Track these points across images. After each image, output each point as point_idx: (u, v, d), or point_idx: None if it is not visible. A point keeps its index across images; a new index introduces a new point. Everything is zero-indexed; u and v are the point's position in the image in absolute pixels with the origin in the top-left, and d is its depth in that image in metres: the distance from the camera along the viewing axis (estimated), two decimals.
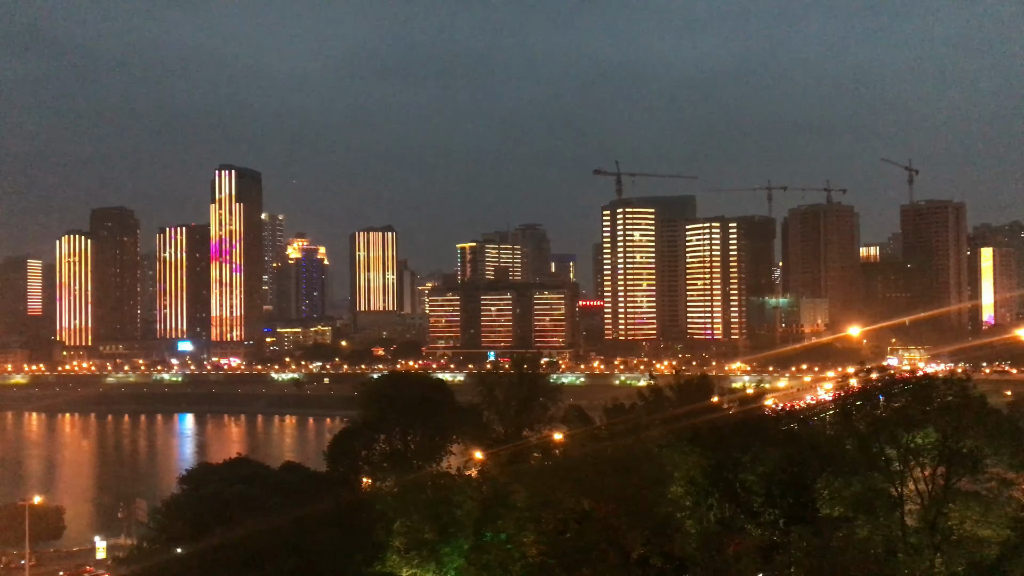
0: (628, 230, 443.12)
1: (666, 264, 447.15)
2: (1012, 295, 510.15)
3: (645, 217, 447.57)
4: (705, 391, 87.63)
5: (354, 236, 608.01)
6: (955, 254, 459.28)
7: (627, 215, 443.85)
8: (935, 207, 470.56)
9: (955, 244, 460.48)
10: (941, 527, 52.49)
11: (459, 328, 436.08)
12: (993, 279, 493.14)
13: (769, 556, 43.55)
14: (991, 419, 58.56)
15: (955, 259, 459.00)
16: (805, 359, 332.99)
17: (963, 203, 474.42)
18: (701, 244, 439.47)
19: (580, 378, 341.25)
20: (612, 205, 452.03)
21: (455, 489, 59.50)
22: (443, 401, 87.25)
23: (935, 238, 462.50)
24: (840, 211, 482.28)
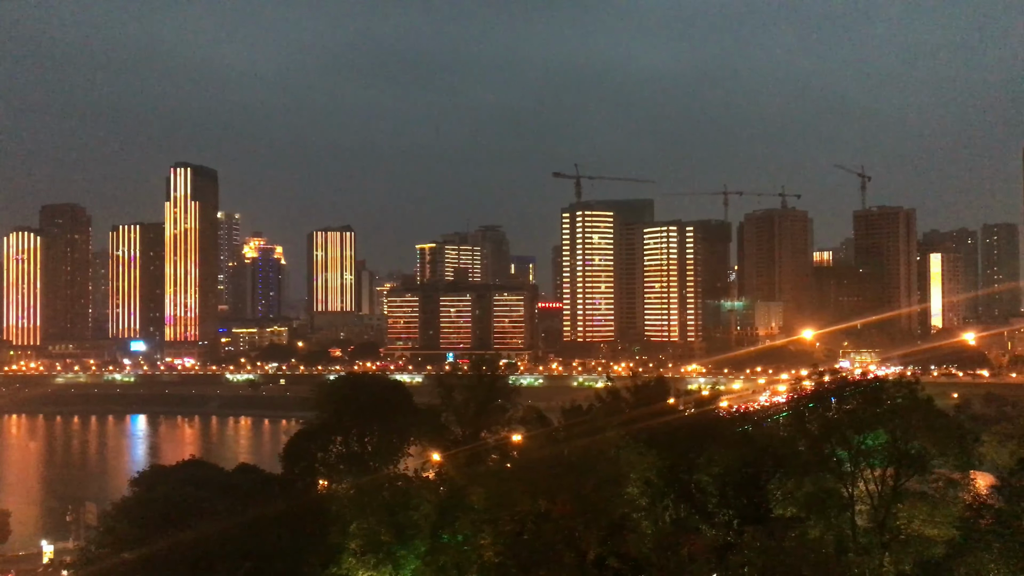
0: (587, 233, 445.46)
1: (624, 267, 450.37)
2: (959, 299, 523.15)
3: (604, 220, 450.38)
4: (662, 393, 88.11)
5: (312, 236, 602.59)
6: (905, 259, 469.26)
7: (586, 218, 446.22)
8: (886, 213, 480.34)
9: (905, 250, 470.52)
10: (890, 527, 53.63)
11: (418, 329, 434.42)
12: (941, 284, 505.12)
13: (723, 556, 44.06)
14: (938, 421, 59.98)
15: (905, 264, 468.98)
16: (759, 361, 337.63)
17: (913, 209, 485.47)
18: (658, 247, 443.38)
19: (539, 380, 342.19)
20: (571, 208, 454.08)
21: (412, 491, 59.26)
22: (401, 403, 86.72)
23: (886, 244, 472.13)
24: (794, 216, 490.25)
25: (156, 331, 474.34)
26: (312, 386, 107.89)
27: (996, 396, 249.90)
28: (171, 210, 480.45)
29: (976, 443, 63.39)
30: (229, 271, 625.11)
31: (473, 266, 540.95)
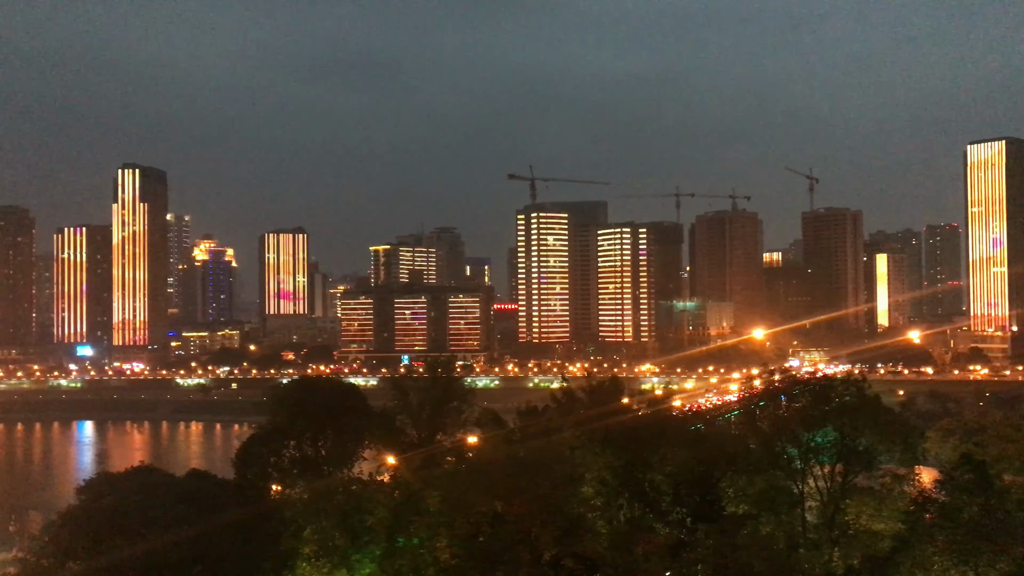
0: (542, 234, 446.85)
1: (578, 268, 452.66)
2: (904, 298, 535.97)
3: (558, 222, 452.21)
4: (616, 393, 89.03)
5: (263, 238, 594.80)
6: (852, 260, 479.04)
7: (541, 220, 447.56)
8: (834, 215, 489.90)
9: (852, 250, 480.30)
10: (839, 522, 54.78)
11: (372, 332, 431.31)
12: (887, 283, 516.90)
13: (677, 554, 44.53)
14: (885, 418, 61.50)
15: (852, 264, 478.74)
16: (711, 361, 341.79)
17: (860, 211, 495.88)
18: (612, 249, 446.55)
19: (494, 381, 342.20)
20: (526, 210, 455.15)
21: (367, 495, 58.89)
22: (355, 406, 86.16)
23: (834, 244, 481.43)
24: (745, 218, 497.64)
25: (104, 336, 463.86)
26: (265, 390, 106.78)
27: (940, 393, 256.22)
28: (119, 212, 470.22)
29: (921, 439, 65.11)
30: (179, 274, 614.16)
31: (428, 268, 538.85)
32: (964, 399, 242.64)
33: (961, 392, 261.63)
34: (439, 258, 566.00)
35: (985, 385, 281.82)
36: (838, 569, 50.22)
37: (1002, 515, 46.65)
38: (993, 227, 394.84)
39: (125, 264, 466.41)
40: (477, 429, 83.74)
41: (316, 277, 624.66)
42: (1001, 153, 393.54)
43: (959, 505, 47.91)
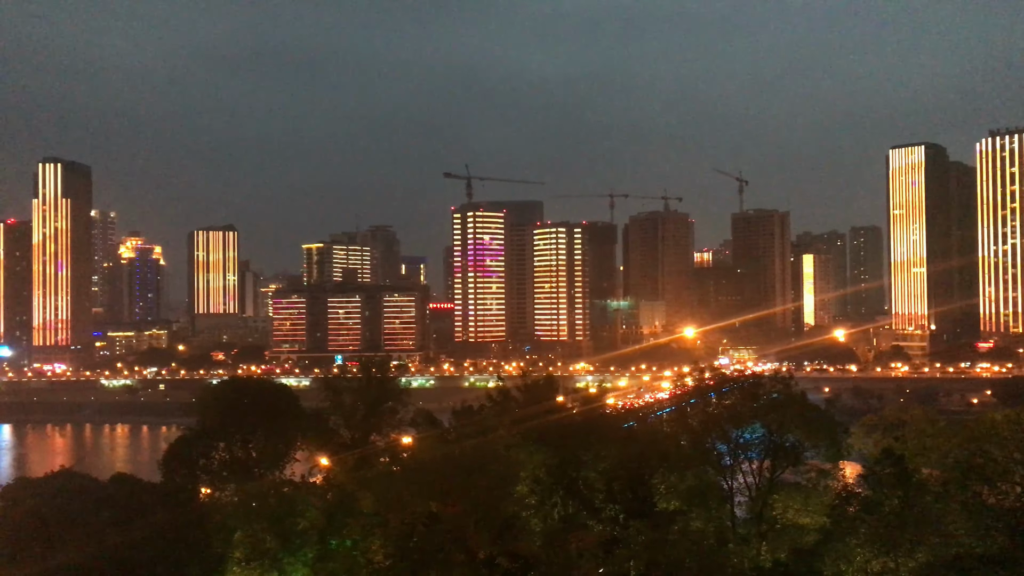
0: (478, 233, 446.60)
1: (514, 267, 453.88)
2: (829, 297, 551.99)
3: (495, 221, 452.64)
4: (551, 392, 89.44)
5: (193, 235, 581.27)
6: (780, 260, 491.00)
7: (477, 219, 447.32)
8: (762, 216, 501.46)
9: (780, 250, 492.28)
10: (767, 517, 56.13)
11: (305, 331, 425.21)
12: (813, 283, 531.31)
13: (610, 551, 45.01)
14: (811, 415, 63.23)
15: (780, 265, 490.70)
16: (644, 359, 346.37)
17: (787, 212, 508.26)
18: (548, 248, 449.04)
19: (430, 381, 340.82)
20: (463, 208, 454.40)
21: (299, 497, 58.12)
22: (287, 407, 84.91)
23: (762, 245, 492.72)
24: (676, 218, 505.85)
25: (23, 336, 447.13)
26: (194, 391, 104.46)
27: (863, 389, 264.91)
28: (39, 208, 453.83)
29: (845, 435, 67.13)
30: (104, 272, 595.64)
31: (362, 266, 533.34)
32: (886, 395, 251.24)
33: (883, 388, 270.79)
34: (374, 257, 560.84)
35: (905, 382, 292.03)
36: (766, 562, 51.38)
37: (920, 507, 48.35)
38: (913, 229, 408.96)
39: (46, 262, 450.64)
40: (412, 429, 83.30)
41: (247, 276, 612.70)
42: (921, 158, 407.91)
43: (880, 498, 49.50)
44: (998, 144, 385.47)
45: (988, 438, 57.80)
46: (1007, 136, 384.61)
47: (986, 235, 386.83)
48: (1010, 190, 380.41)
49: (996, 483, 50.47)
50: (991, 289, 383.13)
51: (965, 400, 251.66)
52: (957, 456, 57.84)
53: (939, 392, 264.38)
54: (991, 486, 50.08)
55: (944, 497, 50.13)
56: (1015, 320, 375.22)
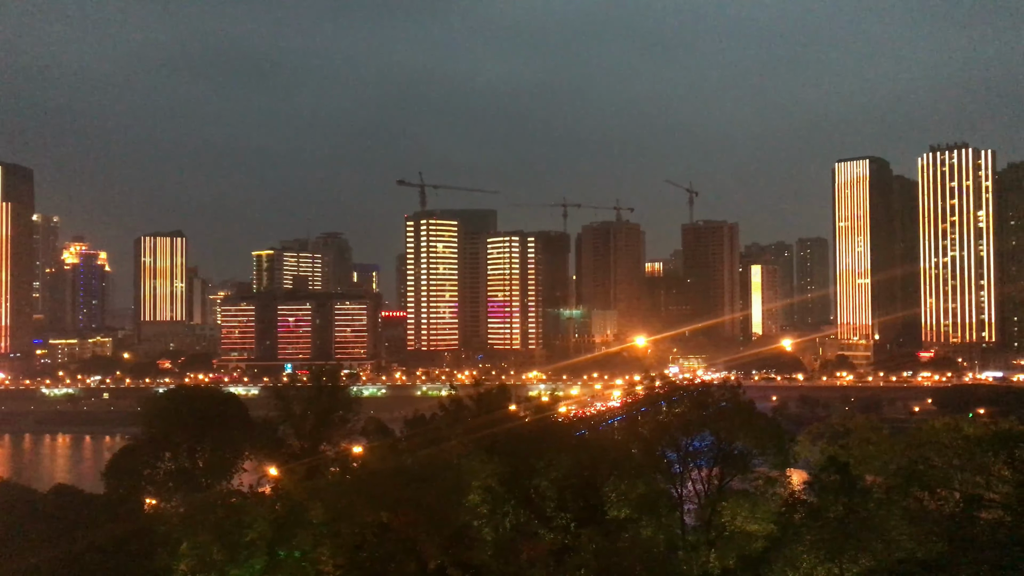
0: (431, 241, 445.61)
1: (468, 276, 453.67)
2: (776, 307, 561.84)
3: (448, 229, 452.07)
4: (503, 400, 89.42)
5: (139, 241, 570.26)
6: (729, 270, 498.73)
7: (431, 227, 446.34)
8: (712, 227, 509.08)
9: (729, 261, 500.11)
10: (715, 524, 56.75)
11: (254, 339, 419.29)
12: (761, 293, 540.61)
13: (561, 559, 45.15)
14: (759, 423, 64.13)
15: (729, 275, 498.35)
16: (596, 368, 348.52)
17: (736, 223, 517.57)
18: (501, 257, 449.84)
19: (382, 390, 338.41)
20: (416, 216, 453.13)
21: (247, 507, 57.18)
22: (235, 416, 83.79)
23: (712, 255, 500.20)
24: (628, 228, 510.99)
25: None
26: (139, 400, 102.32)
27: (809, 398, 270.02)
28: None
29: (792, 443, 68.20)
30: (46, 278, 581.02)
31: (313, 274, 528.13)
32: (832, 403, 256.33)
33: (829, 397, 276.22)
34: (325, 264, 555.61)
35: (850, 390, 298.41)
36: (714, 570, 51.92)
37: (864, 514, 49.31)
38: (858, 241, 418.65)
39: None
40: (363, 439, 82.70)
41: (195, 283, 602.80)
42: (865, 172, 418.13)
43: (825, 505, 50.37)
44: (938, 159, 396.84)
45: (929, 445, 59.23)
46: (947, 152, 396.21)
47: (927, 247, 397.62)
48: (949, 204, 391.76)
49: (936, 490, 51.65)
50: (932, 300, 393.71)
51: (907, 408, 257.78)
52: (899, 463, 59.06)
53: (883, 400, 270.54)
54: (931, 493, 51.22)
55: (887, 504, 51.17)
56: (955, 330, 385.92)
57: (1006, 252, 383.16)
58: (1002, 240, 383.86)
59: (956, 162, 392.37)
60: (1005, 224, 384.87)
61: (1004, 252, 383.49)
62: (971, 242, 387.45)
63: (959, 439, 58.36)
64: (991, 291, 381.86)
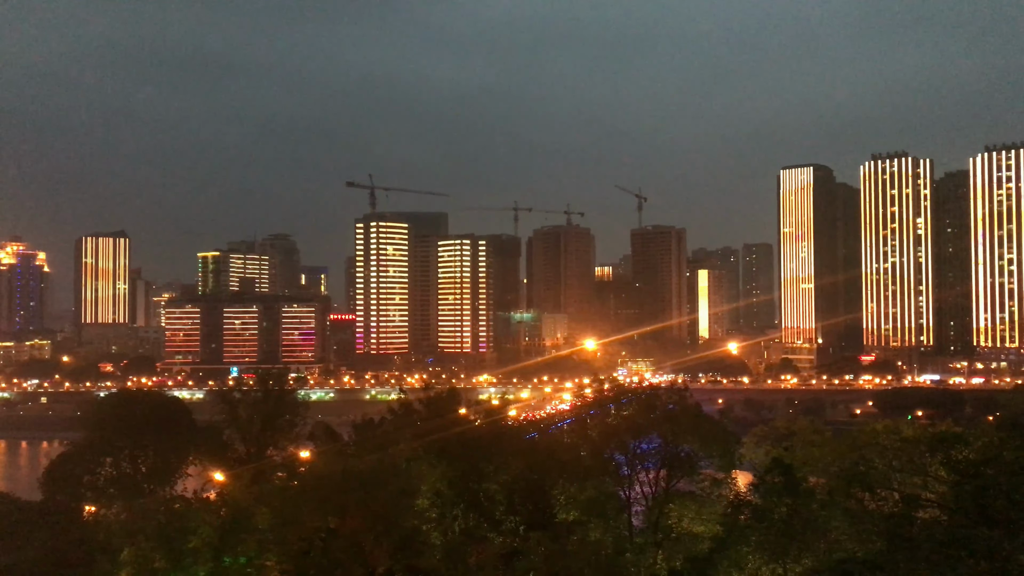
0: (381, 244, 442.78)
1: (418, 279, 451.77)
2: (723, 311, 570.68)
3: (398, 232, 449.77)
4: (453, 404, 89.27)
5: (80, 241, 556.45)
6: (676, 275, 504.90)
7: (380, 229, 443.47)
8: (660, 232, 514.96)
9: (676, 266, 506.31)
10: (663, 526, 57.39)
11: (199, 342, 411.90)
12: (708, 297, 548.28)
13: (509, 563, 45.17)
14: (705, 426, 65.10)
15: (676, 279, 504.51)
16: (546, 371, 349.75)
17: (684, 229, 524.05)
18: (452, 260, 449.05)
19: (330, 394, 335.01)
20: (366, 219, 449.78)
21: (191, 513, 56.17)
22: (179, 420, 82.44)
23: (660, 260, 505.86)
24: (579, 233, 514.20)
25: None
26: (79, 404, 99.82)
27: (755, 401, 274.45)
28: None
29: (737, 445, 69.36)
30: None
31: (260, 276, 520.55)
32: (776, 406, 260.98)
33: (774, 400, 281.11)
34: (272, 266, 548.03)
35: (794, 393, 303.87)
36: (661, 571, 52.45)
37: (807, 514, 50.29)
38: (802, 247, 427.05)
39: None
40: (310, 443, 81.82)
41: (139, 284, 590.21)
42: (809, 179, 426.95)
43: (770, 506, 51.25)
44: (879, 167, 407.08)
45: (869, 447, 60.68)
46: (887, 160, 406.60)
47: (868, 253, 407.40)
48: (890, 211, 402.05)
49: (876, 490, 52.88)
50: (873, 305, 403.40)
51: (849, 411, 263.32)
52: (841, 465, 60.35)
53: (825, 403, 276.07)
54: (872, 493, 52.42)
55: (829, 504, 52.25)
56: (895, 334, 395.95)
57: (943, 258, 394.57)
58: (939, 246, 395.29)
59: (896, 170, 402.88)
60: (942, 231, 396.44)
61: (941, 258, 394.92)
62: (910, 248, 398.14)
63: (898, 441, 59.90)
64: (929, 296, 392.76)
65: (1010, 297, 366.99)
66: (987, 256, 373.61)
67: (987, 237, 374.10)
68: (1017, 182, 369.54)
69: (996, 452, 54.99)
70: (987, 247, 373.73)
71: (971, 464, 53.25)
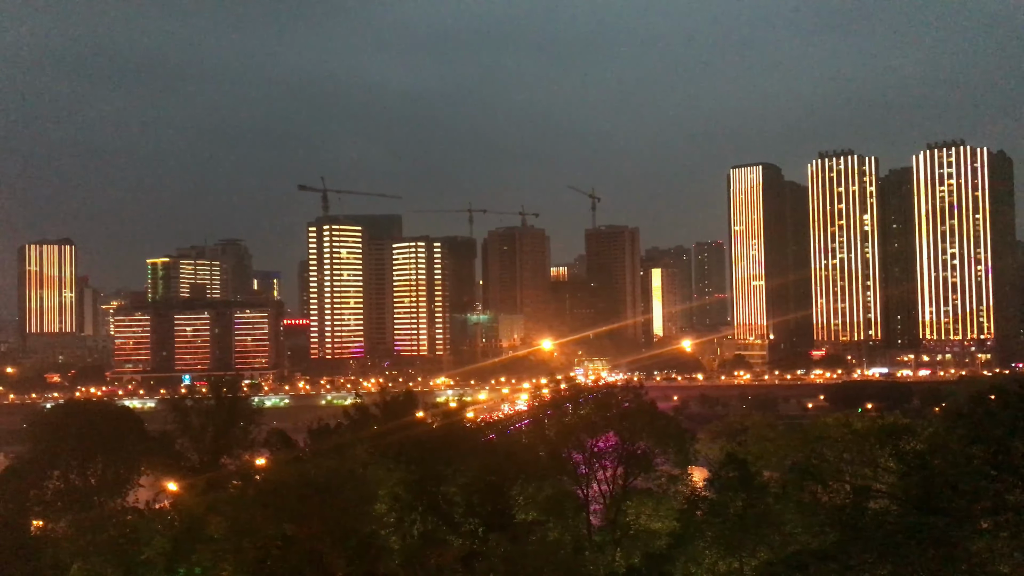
0: (335, 247, 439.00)
1: (373, 282, 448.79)
2: (676, 310, 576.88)
3: (352, 235, 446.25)
4: (410, 407, 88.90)
5: (24, 249, 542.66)
6: (631, 274, 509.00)
7: (334, 232, 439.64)
8: (614, 232, 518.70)
9: (630, 265, 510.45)
10: (620, 523, 57.81)
11: (150, 350, 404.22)
12: (662, 296, 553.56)
13: (469, 565, 45.10)
14: (660, 423, 65.72)
15: (630, 279, 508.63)
16: (503, 372, 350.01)
17: (637, 228, 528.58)
18: (407, 263, 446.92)
19: (285, 400, 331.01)
20: (318, 222, 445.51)
21: (143, 525, 55.13)
22: (130, 430, 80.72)
23: (614, 259, 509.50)
24: (534, 234, 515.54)
25: None
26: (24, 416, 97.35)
27: (709, 397, 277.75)
28: None
29: (692, 441, 70.10)
30: None
31: (212, 282, 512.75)
32: (730, 402, 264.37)
33: (727, 396, 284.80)
34: (224, 271, 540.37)
35: (748, 389, 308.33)
36: (620, 568, 52.79)
37: (761, 508, 51.06)
38: (753, 245, 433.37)
39: None
40: (265, 450, 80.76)
41: (86, 292, 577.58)
42: (759, 178, 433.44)
43: (725, 501, 51.94)
44: (826, 165, 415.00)
45: (821, 440, 61.73)
46: (834, 158, 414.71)
47: (817, 250, 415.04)
48: (837, 208, 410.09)
49: (828, 483, 53.86)
50: (823, 301, 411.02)
51: (801, 405, 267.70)
52: (794, 458, 61.27)
53: (778, 398, 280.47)
54: (824, 485, 53.37)
55: (783, 498, 53.07)
56: (844, 329, 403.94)
57: (890, 254, 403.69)
58: (886, 243, 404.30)
59: (843, 168, 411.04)
60: (888, 227, 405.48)
61: (888, 254, 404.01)
62: (858, 245, 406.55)
63: (849, 433, 61.09)
64: (877, 291, 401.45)
65: (953, 291, 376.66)
66: (931, 251, 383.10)
67: (931, 233, 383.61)
68: (958, 179, 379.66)
69: (942, 443, 56.44)
70: (931, 243, 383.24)
71: (918, 455, 54.58)
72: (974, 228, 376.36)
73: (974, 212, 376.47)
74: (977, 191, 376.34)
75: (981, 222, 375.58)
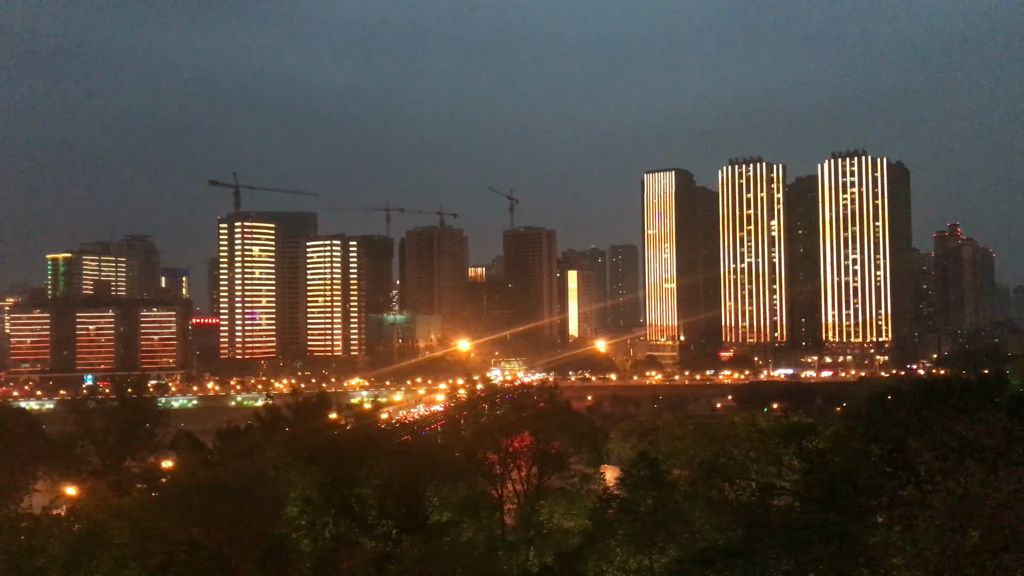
0: (247, 245, 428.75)
1: (286, 281, 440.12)
2: (591, 311, 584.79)
3: (265, 232, 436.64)
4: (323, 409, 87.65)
5: None
6: (547, 275, 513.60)
7: (246, 229, 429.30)
8: (531, 233, 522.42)
9: (547, 266, 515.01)
10: (534, 522, 58.28)
11: (49, 349, 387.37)
12: (577, 297, 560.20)
13: (383, 567, 44.78)
14: (574, 423, 66.57)
15: (547, 280, 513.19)
16: (420, 373, 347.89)
17: (554, 230, 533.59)
18: (322, 261, 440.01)
19: (193, 401, 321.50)
20: (230, 218, 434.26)
21: (39, 531, 52.84)
22: (25, 433, 77.32)
23: (531, 261, 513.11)
24: (452, 234, 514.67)
25: None
26: None
27: (622, 397, 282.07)
28: None
29: (605, 440, 71.33)
30: None
31: (117, 279, 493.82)
32: (642, 402, 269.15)
33: (640, 396, 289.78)
34: (130, 268, 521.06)
35: (659, 389, 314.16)
36: (533, 568, 53.19)
37: (672, 506, 52.22)
38: (665, 248, 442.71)
39: None
40: (172, 453, 78.48)
41: None
42: (672, 182, 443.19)
43: (636, 499, 52.91)
44: (736, 171, 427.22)
45: (729, 439, 63.66)
46: (744, 165, 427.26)
47: (726, 254, 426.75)
48: (746, 214, 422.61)
49: (736, 480, 55.53)
50: (731, 303, 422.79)
51: (710, 405, 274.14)
52: (703, 457, 62.96)
53: (688, 398, 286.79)
54: (731, 483, 54.99)
55: (692, 496, 54.43)
56: (751, 331, 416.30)
57: (795, 258, 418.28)
58: (792, 247, 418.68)
59: (752, 175, 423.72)
60: (794, 232, 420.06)
61: (794, 258, 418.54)
62: (765, 249, 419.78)
63: (755, 432, 63.09)
64: (783, 294, 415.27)
65: (854, 295, 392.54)
66: (834, 256, 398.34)
67: (834, 238, 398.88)
68: (860, 187, 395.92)
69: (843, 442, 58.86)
70: (834, 248, 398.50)
71: (820, 453, 56.82)
72: (874, 235, 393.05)
73: (874, 219, 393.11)
74: (877, 199, 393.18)
75: (880, 229, 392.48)
